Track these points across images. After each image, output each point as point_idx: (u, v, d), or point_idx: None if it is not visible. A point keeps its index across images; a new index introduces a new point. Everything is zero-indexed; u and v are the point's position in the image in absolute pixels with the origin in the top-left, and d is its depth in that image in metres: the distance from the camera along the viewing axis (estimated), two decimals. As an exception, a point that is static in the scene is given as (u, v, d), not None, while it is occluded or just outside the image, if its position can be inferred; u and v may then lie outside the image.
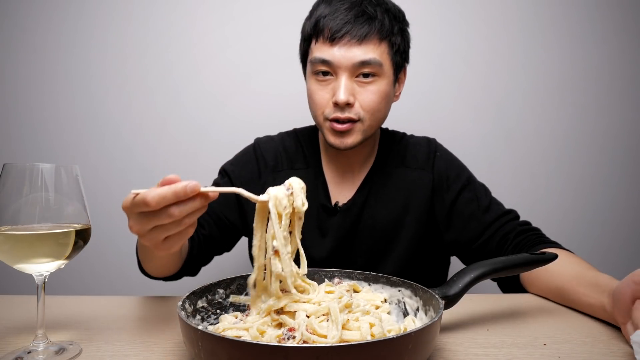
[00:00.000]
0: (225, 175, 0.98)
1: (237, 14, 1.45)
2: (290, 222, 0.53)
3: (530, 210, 1.50)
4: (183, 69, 1.46)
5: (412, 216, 0.94)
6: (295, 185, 0.53)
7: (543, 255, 0.64)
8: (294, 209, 0.52)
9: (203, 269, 0.94)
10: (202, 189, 0.48)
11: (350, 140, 0.86)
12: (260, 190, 0.96)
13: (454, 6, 1.47)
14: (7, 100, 1.45)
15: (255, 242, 0.53)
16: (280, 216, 0.51)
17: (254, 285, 0.54)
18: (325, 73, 0.84)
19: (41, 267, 0.51)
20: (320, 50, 0.84)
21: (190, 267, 0.86)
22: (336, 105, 0.83)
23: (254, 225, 0.53)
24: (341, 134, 0.85)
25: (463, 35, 1.47)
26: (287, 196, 0.52)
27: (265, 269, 0.53)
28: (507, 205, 0.97)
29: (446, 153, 1.00)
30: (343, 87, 0.82)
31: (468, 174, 0.97)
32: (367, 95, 0.84)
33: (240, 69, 1.46)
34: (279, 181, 0.95)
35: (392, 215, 0.94)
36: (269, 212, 0.52)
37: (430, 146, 0.99)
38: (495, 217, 0.90)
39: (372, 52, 0.82)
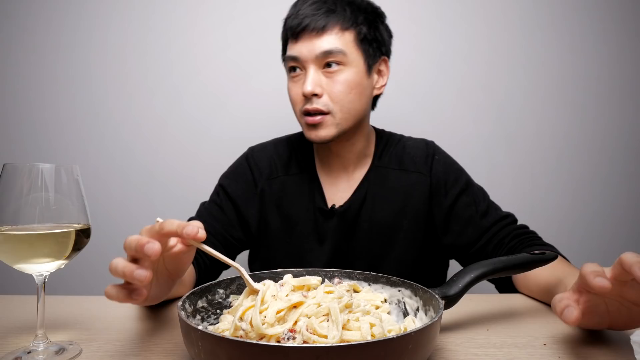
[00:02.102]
0: (222, 190, 0.98)
1: (237, 13, 1.45)
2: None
3: (530, 210, 1.50)
4: (183, 69, 1.46)
5: (410, 219, 0.93)
6: (289, 283, 0.55)
7: (543, 255, 0.64)
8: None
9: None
10: (204, 246, 0.50)
11: (324, 132, 0.86)
12: (258, 199, 0.96)
13: (454, 6, 1.47)
14: (7, 100, 1.45)
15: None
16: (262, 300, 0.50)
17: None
18: (295, 69, 0.87)
19: (41, 267, 0.51)
20: (290, 49, 0.87)
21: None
22: (305, 97, 0.85)
23: (239, 299, 0.54)
24: (314, 127, 0.86)
25: (463, 35, 1.47)
26: (278, 291, 0.53)
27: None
28: (507, 206, 0.96)
29: (444, 156, 0.99)
30: (309, 79, 0.83)
31: (466, 178, 0.97)
32: (334, 86, 0.84)
33: (241, 69, 1.46)
34: (275, 188, 0.97)
35: (389, 217, 0.93)
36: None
37: (428, 149, 0.98)
38: (492, 222, 0.90)
39: (334, 41, 0.83)
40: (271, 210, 0.97)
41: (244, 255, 1.06)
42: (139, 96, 1.46)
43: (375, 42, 0.90)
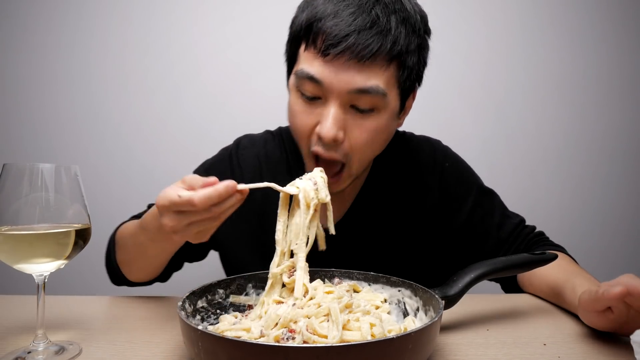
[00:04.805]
0: None
1: (237, 13, 1.45)
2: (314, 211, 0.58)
3: (530, 210, 1.49)
4: (183, 68, 1.46)
5: (413, 233, 0.83)
6: (319, 180, 0.58)
7: (543, 255, 0.64)
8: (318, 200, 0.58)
9: (199, 272, 0.93)
10: (238, 187, 0.52)
11: (336, 187, 0.71)
12: None
13: (454, 6, 1.47)
14: (7, 100, 1.45)
15: (279, 227, 0.58)
16: (308, 206, 0.57)
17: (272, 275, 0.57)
18: (312, 94, 0.66)
19: (41, 267, 0.51)
20: (309, 63, 0.64)
21: (163, 273, 0.82)
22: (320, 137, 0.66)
23: (278, 211, 0.59)
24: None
25: (463, 35, 1.47)
26: (314, 190, 0.57)
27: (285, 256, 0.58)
28: (507, 206, 0.96)
29: (454, 162, 0.87)
30: (331, 119, 0.63)
31: (478, 185, 0.87)
32: (360, 133, 0.66)
33: (241, 69, 1.46)
34: (257, 196, 0.78)
35: (389, 233, 0.83)
36: (290, 202, 0.59)
37: (436, 155, 0.85)
38: (509, 232, 0.84)
39: (375, 77, 0.63)
40: (251, 219, 0.83)
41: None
42: (139, 96, 1.46)
43: (417, 73, 0.70)
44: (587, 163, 1.52)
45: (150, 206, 0.93)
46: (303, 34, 0.66)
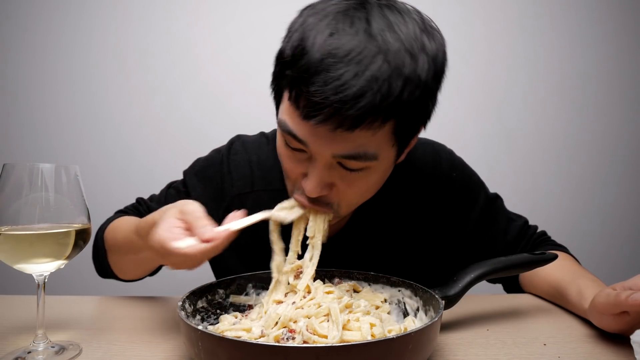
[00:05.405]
0: (185, 190, 0.85)
1: (238, 13, 1.46)
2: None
3: (530, 210, 1.49)
4: (184, 68, 1.46)
5: (419, 242, 0.81)
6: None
7: (543, 255, 0.64)
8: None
9: (197, 272, 0.93)
10: (234, 229, 0.52)
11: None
12: (222, 214, 0.68)
13: (454, 6, 1.47)
14: (7, 100, 1.45)
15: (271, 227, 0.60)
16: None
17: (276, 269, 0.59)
18: (296, 147, 0.59)
19: (41, 267, 0.51)
20: (291, 118, 0.56)
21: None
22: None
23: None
24: None
25: (463, 35, 1.47)
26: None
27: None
28: (507, 206, 0.96)
29: (461, 173, 0.84)
30: (316, 180, 0.57)
31: (484, 193, 0.85)
32: (349, 188, 0.60)
33: (241, 69, 1.46)
34: (248, 206, 0.68)
35: (389, 245, 0.80)
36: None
37: (442, 165, 0.81)
38: (515, 236, 0.84)
39: (365, 142, 0.55)
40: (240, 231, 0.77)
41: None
42: (139, 96, 1.46)
43: (421, 122, 0.63)
44: (587, 163, 1.52)
45: (139, 201, 0.94)
46: (285, 85, 0.57)
